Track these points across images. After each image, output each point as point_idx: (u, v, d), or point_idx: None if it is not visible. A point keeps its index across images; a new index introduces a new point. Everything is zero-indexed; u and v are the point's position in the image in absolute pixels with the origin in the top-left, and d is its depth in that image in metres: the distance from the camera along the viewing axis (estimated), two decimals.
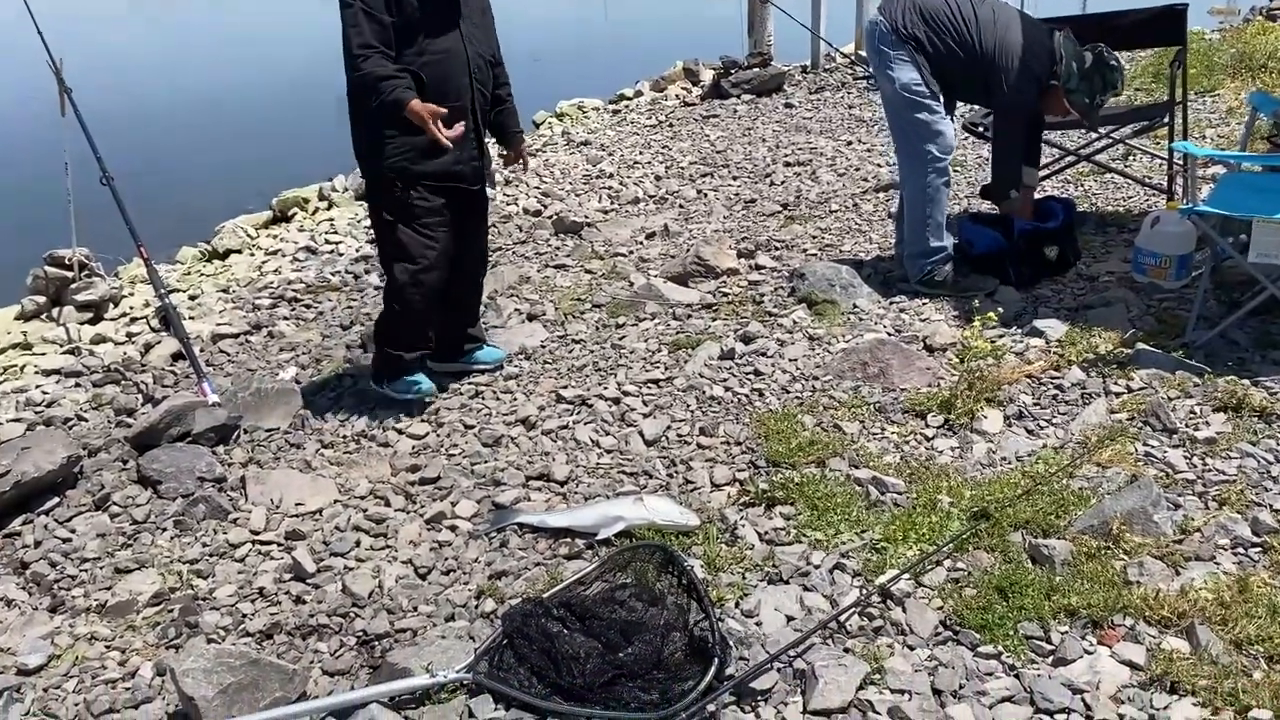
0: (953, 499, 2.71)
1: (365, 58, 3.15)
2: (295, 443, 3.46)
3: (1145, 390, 3.20)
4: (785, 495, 2.78)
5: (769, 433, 3.15)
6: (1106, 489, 2.69)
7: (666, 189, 6.53)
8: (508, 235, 5.82)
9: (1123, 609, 2.22)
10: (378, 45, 3.16)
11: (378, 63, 3.15)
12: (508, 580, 2.56)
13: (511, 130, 3.76)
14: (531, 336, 4.21)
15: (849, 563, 2.48)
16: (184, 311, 5.21)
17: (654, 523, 2.66)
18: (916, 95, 4.06)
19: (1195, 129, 6.11)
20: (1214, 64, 8.24)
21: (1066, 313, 3.88)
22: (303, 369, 4.14)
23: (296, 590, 2.61)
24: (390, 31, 3.17)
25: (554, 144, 8.50)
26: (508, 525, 2.80)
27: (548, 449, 3.26)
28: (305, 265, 5.86)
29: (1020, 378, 3.36)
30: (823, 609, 2.33)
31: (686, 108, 9.44)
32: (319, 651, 2.38)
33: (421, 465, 3.21)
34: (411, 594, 2.54)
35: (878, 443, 3.09)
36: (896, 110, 4.18)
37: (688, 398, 3.51)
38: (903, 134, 4.21)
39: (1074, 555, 2.42)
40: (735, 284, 4.63)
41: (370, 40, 3.15)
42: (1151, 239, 3.96)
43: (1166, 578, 2.33)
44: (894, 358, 3.53)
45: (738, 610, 2.33)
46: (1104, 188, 5.59)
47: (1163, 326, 3.65)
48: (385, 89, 3.14)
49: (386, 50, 3.18)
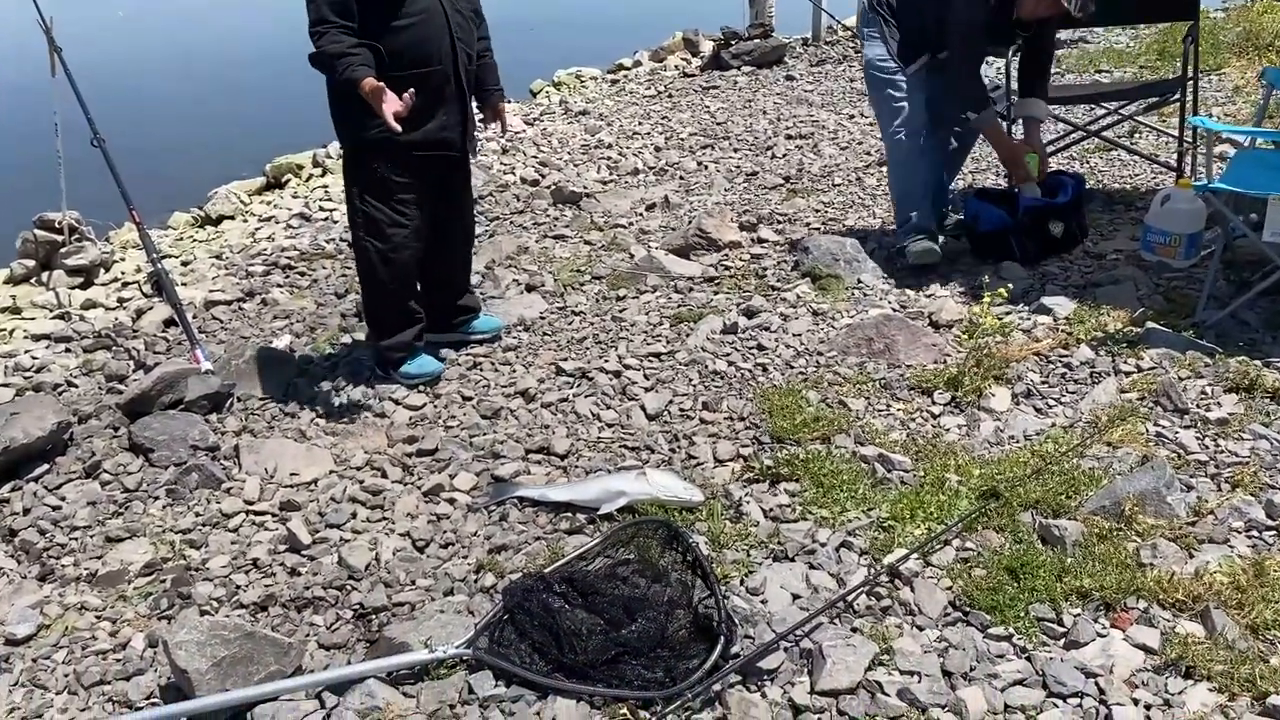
0: (961, 477, 2.66)
1: (321, 34, 3.04)
2: (290, 412, 3.40)
3: (1155, 370, 3.15)
4: (790, 472, 2.73)
5: (773, 408, 3.10)
6: (1118, 469, 2.65)
7: (666, 160, 6.43)
8: (505, 205, 5.73)
9: (1136, 591, 2.18)
10: (334, 19, 3.03)
11: (333, 38, 3.03)
12: (507, 555, 2.51)
13: (489, 87, 3.57)
14: (530, 308, 4.15)
15: (856, 541, 2.44)
16: (176, 278, 5.12)
17: (657, 498, 2.61)
18: (880, 72, 4.15)
19: (1202, 108, 6.03)
20: (1219, 42, 8.15)
21: (1074, 290, 3.82)
22: (297, 337, 4.07)
23: (291, 562, 2.56)
24: (351, 3, 3.04)
25: (551, 113, 8.38)
26: (507, 499, 2.74)
27: (547, 422, 3.20)
28: (299, 232, 5.77)
29: (1028, 355, 3.31)
30: (829, 588, 2.28)
31: (686, 79, 9.32)
32: (315, 624, 2.33)
33: (419, 437, 3.15)
34: (409, 567, 2.49)
35: (884, 419, 3.04)
36: (868, 86, 4.34)
37: (690, 372, 3.46)
38: (876, 110, 4.39)
39: (1085, 536, 2.38)
40: (737, 257, 4.56)
41: (326, 14, 3.02)
42: (1161, 217, 3.90)
43: (1180, 560, 2.29)
44: (900, 334, 3.47)
45: (743, 588, 2.29)
46: (1110, 164, 5.52)
47: (1172, 306, 3.60)
48: (339, 67, 3.03)
49: (345, 23, 3.04)
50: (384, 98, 3.00)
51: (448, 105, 3.28)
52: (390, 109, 3.01)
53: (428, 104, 3.22)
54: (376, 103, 3.01)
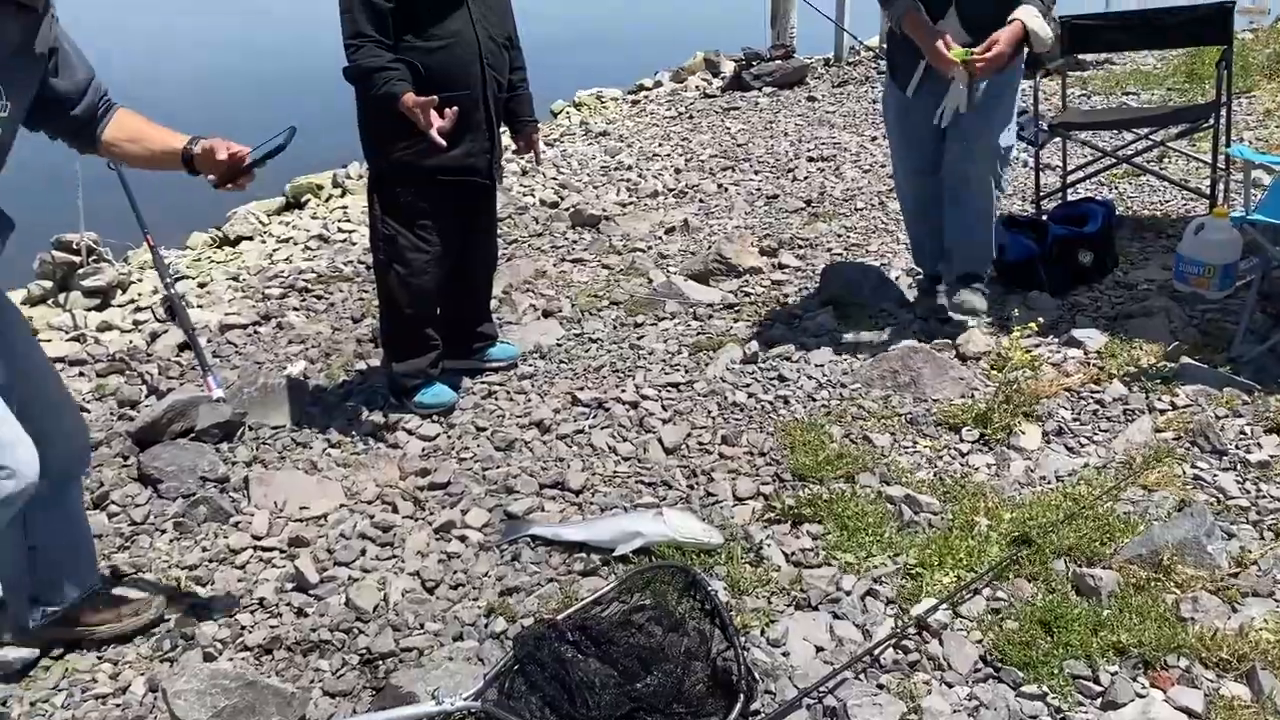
0: (991, 521, 2.56)
1: (357, 48, 3.01)
2: (302, 441, 3.34)
3: (1191, 408, 3.05)
4: (813, 512, 2.64)
5: (795, 443, 3.02)
6: (1154, 514, 2.54)
7: (686, 182, 6.38)
8: (524, 227, 5.68)
9: (1176, 649, 2.07)
10: (372, 34, 3.00)
11: (371, 53, 3.00)
12: (519, 597, 2.44)
13: (524, 118, 3.55)
14: (547, 334, 4.08)
15: (882, 589, 2.34)
16: (192, 300, 5.10)
17: (675, 540, 2.52)
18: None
19: (1233, 132, 5.92)
20: (1249, 64, 8.03)
21: (1105, 322, 3.72)
22: (311, 363, 4.02)
23: (298, 602, 2.49)
24: (388, 18, 3.01)
25: (572, 134, 8.35)
26: (520, 537, 2.66)
27: (563, 455, 3.13)
28: (317, 254, 5.74)
29: (1059, 391, 3.21)
30: (854, 639, 2.19)
31: (707, 99, 9.27)
32: (320, 670, 2.26)
33: (431, 469, 3.08)
34: (418, 610, 2.41)
35: (910, 457, 2.94)
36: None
37: (709, 403, 3.38)
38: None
39: (1121, 587, 2.27)
40: (758, 283, 4.48)
41: (364, 28, 3.00)
42: (1195, 246, 3.78)
43: (1222, 615, 2.18)
44: (926, 366, 3.38)
45: (763, 639, 2.19)
46: (1139, 190, 5.42)
47: (1207, 339, 3.49)
48: (377, 82, 3.00)
49: (382, 39, 3.02)
50: (427, 112, 2.94)
51: (475, 131, 3.24)
52: (434, 123, 2.95)
53: (456, 129, 3.18)
54: (420, 117, 2.94)
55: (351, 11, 3.01)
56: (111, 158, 2.23)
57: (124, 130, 2.15)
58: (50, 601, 2.32)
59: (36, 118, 2.08)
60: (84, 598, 2.37)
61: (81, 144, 2.17)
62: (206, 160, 2.08)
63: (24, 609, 2.32)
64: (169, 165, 2.13)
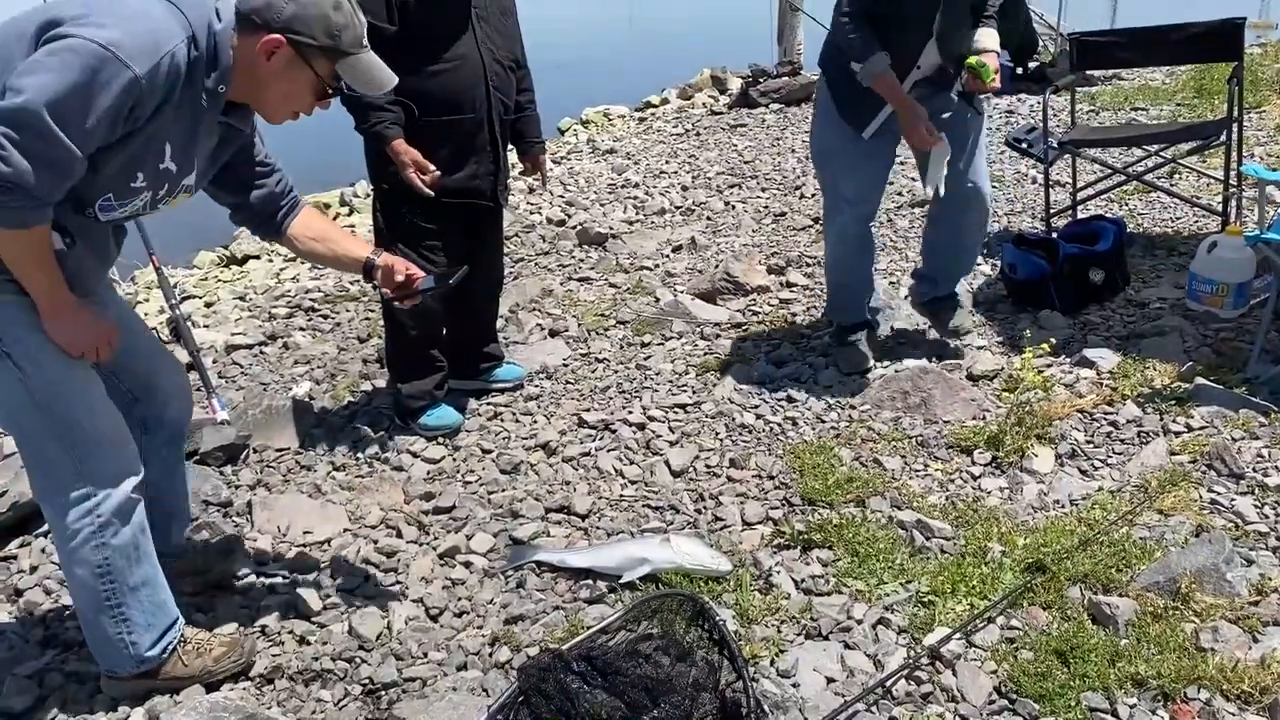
0: (1004, 547, 2.52)
1: None
2: (306, 464, 3.31)
3: (1207, 429, 3.00)
4: (823, 538, 2.60)
5: (804, 466, 2.98)
6: (1171, 540, 2.49)
7: (693, 200, 6.36)
8: (530, 246, 5.66)
9: (1196, 680, 2.03)
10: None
11: None
12: (524, 625, 2.40)
13: (531, 139, 3.53)
14: (553, 354, 4.05)
15: (894, 617, 2.30)
16: (199, 319, 5.09)
17: (682, 567, 2.48)
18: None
19: (1243, 147, 5.88)
20: (1258, 79, 8.00)
21: (1117, 341, 3.68)
22: (317, 384, 3.99)
23: (301, 630, 2.45)
24: (392, 42, 2.98)
25: (579, 151, 8.35)
26: (525, 563, 2.63)
27: (569, 478, 3.09)
28: (324, 273, 5.71)
29: (1071, 412, 3.17)
30: (866, 670, 2.15)
31: (714, 116, 9.27)
32: (321, 700, 2.22)
33: (436, 492, 3.05)
34: (422, 638, 2.38)
35: (921, 481, 2.90)
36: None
37: (717, 425, 3.34)
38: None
39: (1139, 615, 2.23)
40: (766, 302, 4.45)
41: None
42: (1208, 265, 3.76)
43: (1243, 645, 2.13)
44: (936, 387, 3.34)
45: (773, 670, 2.15)
46: (1150, 207, 5.38)
47: (1222, 359, 3.44)
48: (370, 119, 3.01)
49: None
50: (409, 162, 3.03)
51: (480, 154, 3.22)
52: (414, 175, 3.04)
53: (459, 152, 3.17)
54: (401, 166, 3.03)
55: None
56: (293, 250, 2.35)
57: (310, 229, 2.33)
58: (163, 550, 2.33)
59: (221, 200, 2.26)
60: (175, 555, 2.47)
61: (264, 232, 2.32)
62: (386, 275, 2.31)
63: None
64: (349, 269, 2.39)
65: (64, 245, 1.93)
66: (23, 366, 1.93)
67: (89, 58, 1.70)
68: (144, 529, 2.13)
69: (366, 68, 2.06)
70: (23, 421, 1.99)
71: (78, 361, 2.01)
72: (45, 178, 1.73)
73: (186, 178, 2.03)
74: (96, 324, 2.01)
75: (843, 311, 3.76)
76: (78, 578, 2.08)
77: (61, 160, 1.74)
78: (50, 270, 1.89)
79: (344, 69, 2.03)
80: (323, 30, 1.95)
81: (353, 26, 2.00)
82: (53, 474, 2.01)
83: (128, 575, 2.10)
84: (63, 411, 1.98)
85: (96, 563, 2.05)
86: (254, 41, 1.92)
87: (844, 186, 3.53)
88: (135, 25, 1.77)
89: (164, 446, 2.38)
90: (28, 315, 1.93)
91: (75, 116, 1.71)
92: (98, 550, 2.04)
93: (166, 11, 1.83)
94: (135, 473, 2.10)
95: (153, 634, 2.17)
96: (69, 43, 1.71)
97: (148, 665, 2.18)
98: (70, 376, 1.99)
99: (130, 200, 1.95)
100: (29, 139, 1.69)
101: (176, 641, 2.22)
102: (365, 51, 2.04)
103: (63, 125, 1.70)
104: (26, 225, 1.80)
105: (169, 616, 2.21)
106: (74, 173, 1.79)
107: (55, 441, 1.98)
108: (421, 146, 3.09)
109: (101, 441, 2.03)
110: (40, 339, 1.94)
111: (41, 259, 1.88)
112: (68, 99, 1.70)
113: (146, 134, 1.85)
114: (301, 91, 2.03)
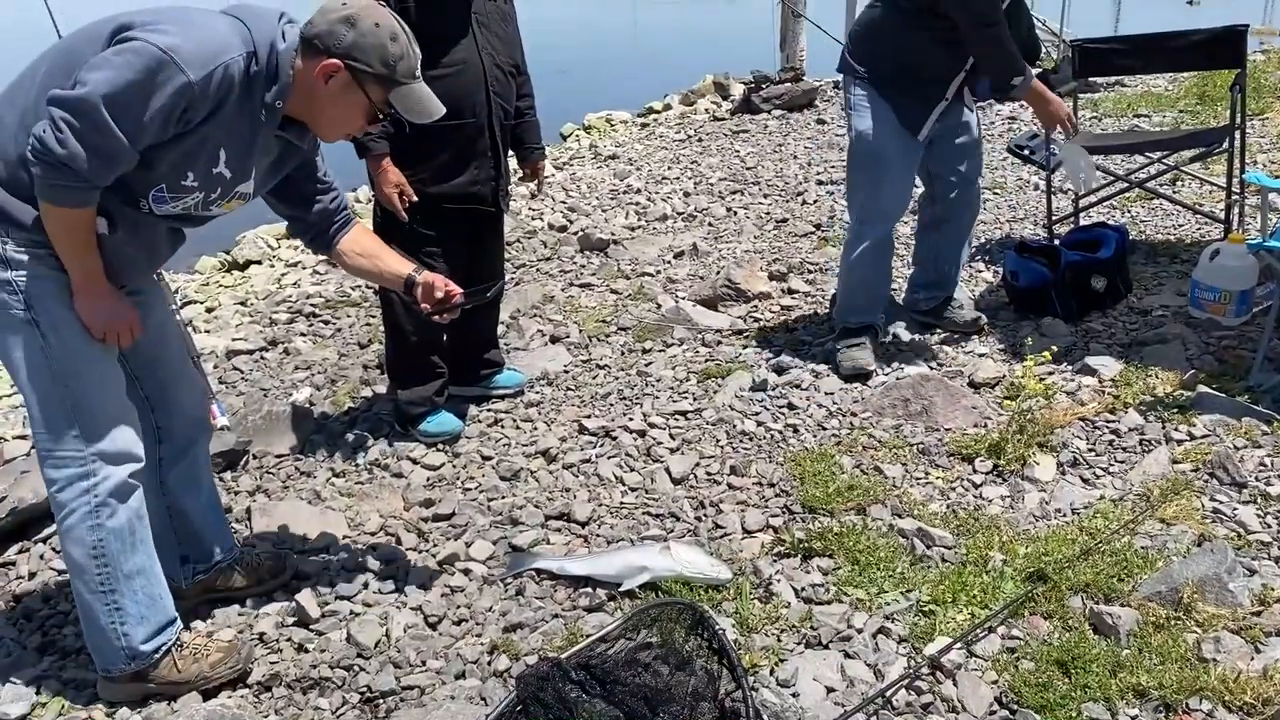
0: (1005, 556, 2.51)
1: None
2: (305, 470, 3.31)
3: (1209, 438, 2.99)
4: (823, 546, 2.59)
5: (805, 474, 2.97)
6: (1173, 549, 2.48)
7: (695, 206, 6.36)
8: (532, 251, 5.66)
9: (1198, 691, 2.02)
10: None
11: None
12: (523, 634, 2.39)
13: (530, 145, 3.54)
14: (554, 360, 4.05)
15: (894, 627, 2.29)
16: (200, 325, 5.09)
17: (682, 575, 2.47)
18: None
19: (1246, 154, 5.87)
20: (1261, 86, 8.00)
21: (1119, 349, 3.67)
22: (317, 389, 3.99)
23: (299, 637, 2.44)
24: None
25: (581, 157, 8.36)
26: (525, 571, 2.62)
27: (569, 485, 3.09)
28: (325, 278, 5.72)
29: (1073, 420, 3.15)
30: (866, 679, 2.14)
31: (716, 122, 9.27)
32: (319, 709, 2.21)
33: (436, 499, 3.04)
34: (420, 646, 2.37)
35: (922, 489, 2.89)
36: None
37: (717, 432, 3.33)
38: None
39: (1140, 625, 2.22)
40: (767, 309, 4.45)
41: None
42: (1210, 272, 3.76)
43: (1245, 655, 2.12)
44: (937, 395, 3.33)
45: (773, 679, 2.14)
46: (1152, 214, 5.37)
47: (1224, 367, 3.43)
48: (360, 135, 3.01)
49: None
50: (392, 180, 3.09)
51: (480, 159, 3.22)
52: (391, 195, 3.09)
53: (460, 157, 3.17)
54: (381, 182, 3.09)
55: None
56: (341, 264, 2.46)
57: (360, 246, 2.43)
58: (199, 560, 2.53)
59: (278, 211, 2.38)
60: (229, 563, 2.58)
61: (316, 246, 2.44)
62: (426, 292, 2.39)
63: (175, 568, 2.48)
64: (390, 285, 2.49)
65: (106, 230, 2.02)
66: (47, 336, 2.02)
67: (149, 59, 1.83)
68: (141, 516, 2.17)
69: (419, 98, 2.17)
70: (38, 388, 2.05)
71: (99, 344, 2.08)
72: (95, 164, 1.85)
73: (242, 184, 2.13)
74: (121, 309, 2.09)
75: (857, 312, 3.77)
76: (74, 560, 2.12)
77: (113, 150, 1.86)
78: (88, 251, 1.99)
79: (396, 97, 2.13)
80: (379, 59, 2.07)
81: (408, 58, 2.11)
82: (57, 443, 2.06)
83: (122, 561, 2.13)
84: (76, 387, 2.05)
85: (91, 543, 2.09)
86: (314, 64, 2.05)
87: (889, 188, 3.60)
88: (197, 34, 1.91)
89: (178, 461, 2.44)
90: (62, 292, 2.02)
91: (130, 112, 1.84)
92: (93, 530, 2.08)
93: (231, 27, 1.97)
94: (137, 459, 2.15)
95: (147, 628, 2.19)
96: (133, 45, 1.85)
97: (141, 663, 2.19)
98: (90, 355, 2.07)
99: (182, 197, 2.05)
100: (86, 127, 1.82)
101: (172, 643, 2.23)
102: (418, 82, 2.16)
103: (117, 118, 1.83)
104: (72, 205, 1.91)
105: (164, 614, 2.23)
106: (122, 163, 1.90)
107: (64, 414, 2.05)
108: (421, 151, 3.09)
109: (107, 422, 2.09)
110: (69, 315, 2.03)
111: (82, 239, 1.98)
112: (125, 95, 1.82)
113: (199, 136, 1.97)
114: (354, 114, 2.14)
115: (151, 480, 2.40)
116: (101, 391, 2.10)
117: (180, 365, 2.46)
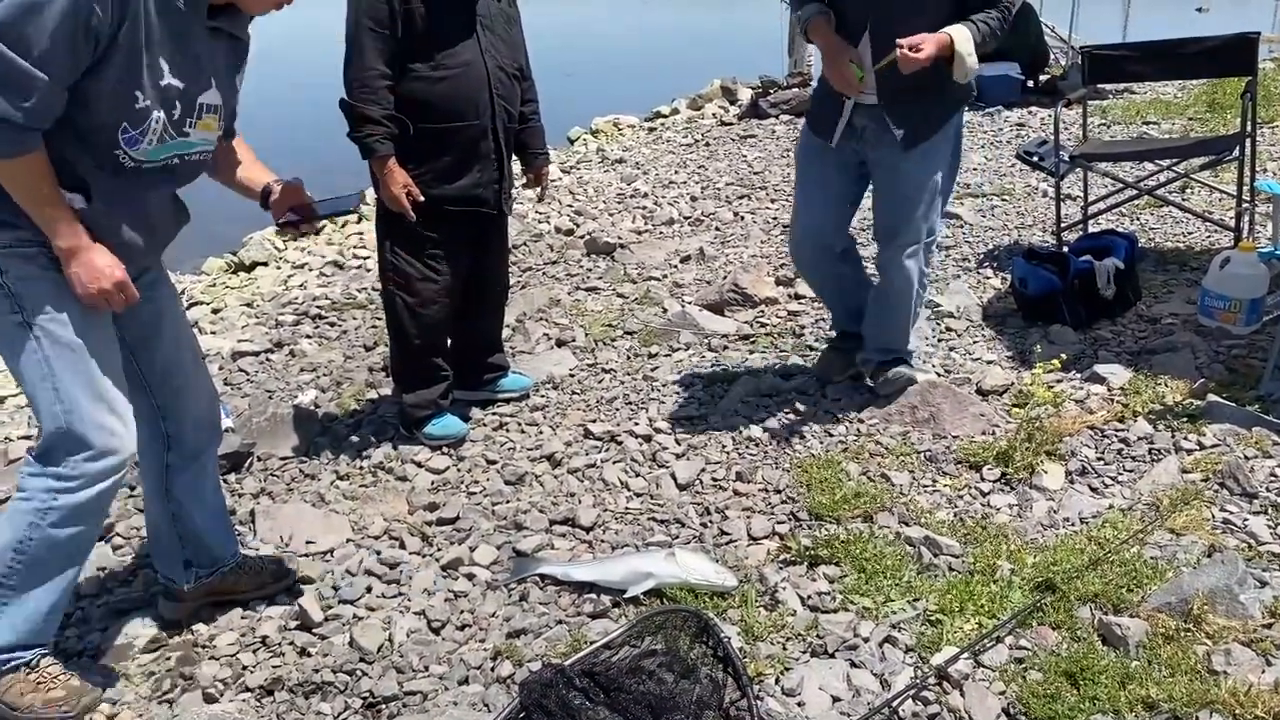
0: (1013, 565, 2.49)
1: (359, 86, 3.00)
2: (310, 473, 3.30)
3: (1219, 448, 2.96)
4: (830, 554, 2.57)
5: (811, 481, 2.95)
6: (1183, 560, 2.46)
7: (702, 210, 6.34)
8: (538, 255, 5.65)
9: (1209, 704, 1.99)
10: (380, 67, 2.98)
11: (368, 98, 2.99)
12: (527, 639, 2.37)
13: (534, 150, 3.51)
14: (560, 364, 4.04)
15: (901, 636, 2.27)
16: (206, 326, 5.10)
17: (687, 581, 2.46)
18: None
19: (1256, 162, 5.85)
20: (1271, 93, 7.97)
21: (1129, 357, 3.64)
22: (322, 392, 3.98)
23: (301, 641, 2.43)
24: (396, 48, 2.99)
25: (588, 161, 8.35)
26: (529, 576, 2.61)
27: (573, 489, 3.07)
28: (331, 280, 5.73)
29: (1081, 429, 3.13)
30: (872, 689, 2.12)
31: (723, 127, 9.27)
32: (321, 713, 2.20)
33: (440, 503, 3.03)
34: (423, 651, 2.35)
35: (929, 497, 2.87)
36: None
37: (723, 437, 3.31)
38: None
39: (1150, 637, 2.19)
40: (774, 314, 4.43)
41: (370, 62, 2.97)
42: (1220, 280, 3.73)
43: (1256, 668, 2.09)
44: (945, 402, 3.31)
45: (778, 688, 2.12)
46: (1162, 221, 5.35)
47: (1235, 376, 3.41)
48: (362, 132, 3.01)
49: (390, 80, 3.01)
50: (399, 181, 3.05)
51: (483, 162, 3.21)
52: (399, 195, 3.06)
53: (463, 159, 3.16)
54: (388, 183, 3.05)
55: (358, 41, 2.98)
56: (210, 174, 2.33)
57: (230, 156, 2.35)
58: (202, 564, 2.50)
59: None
60: (232, 566, 2.56)
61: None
62: (280, 201, 2.32)
63: (178, 571, 2.49)
64: (249, 196, 2.38)
65: (84, 204, 1.97)
66: (41, 340, 2.00)
67: None
68: (89, 540, 2.14)
69: None
70: (35, 392, 2.03)
71: (97, 353, 2.04)
72: (10, 97, 1.77)
73: (203, 94, 2.05)
74: (108, 264, 2.00)
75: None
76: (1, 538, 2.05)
77: (20, 80, 1.77)
78: (56, 205, 1.93)
79: None
80: None
81: None
82: (46, 438, 2.04)
83: (36, 570, 2.05)
84: (69, 396, 2.01)
85: (21, 537, 2.03)
86: None
87: (804, 195, 3.41)
88: None
89: (185, 468, 2.43)
90: (57, 291, 1.98)
91: (28, 39, 1.76)
92: (33, 528, 2.03)
93: None
94: (114, 481, 2.09)
95: (11, 638, 2.08)
96: None
97: None
98: (86, 367, 2.03)
99: (146, 123, 1.95)
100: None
101: (23, 663, 2.11)
102: None
103: (16, 48, 1.75)
104: (10, 152, 1.84)
105: (37, 636, 2.12)
106: (37, 94, 1.80)
107: (53, 420, 2.02)
108: (424, 153, 3.09)
109: (92, 440, 2.03)
110: (63, 319, 2.00)
111: (44, 193, 1.91)
112: (15, 22, 1.75)
113: (125, 49, 1.87)
114: None
115: (157, 486, 2.41)
116: (94, 396, 2.04)
117: (194, 371, 2.42)
